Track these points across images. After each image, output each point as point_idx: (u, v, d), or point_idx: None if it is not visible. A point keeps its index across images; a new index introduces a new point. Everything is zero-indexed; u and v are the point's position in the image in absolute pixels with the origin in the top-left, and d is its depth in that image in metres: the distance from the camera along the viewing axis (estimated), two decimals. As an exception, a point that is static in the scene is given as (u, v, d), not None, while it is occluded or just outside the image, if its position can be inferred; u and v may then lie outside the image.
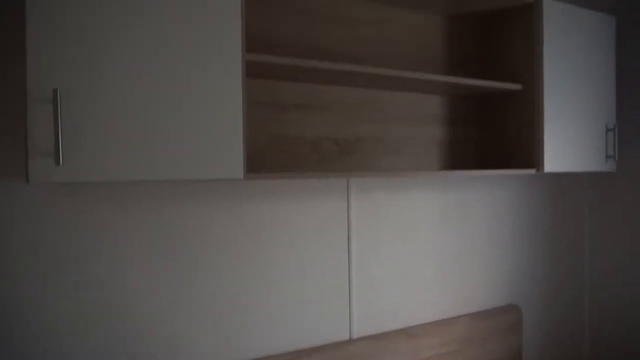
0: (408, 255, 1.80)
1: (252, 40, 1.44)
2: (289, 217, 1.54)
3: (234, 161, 1.14)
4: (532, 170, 1.70)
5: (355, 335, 1.66)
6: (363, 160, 1.66)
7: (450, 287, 1.91)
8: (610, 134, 1.88)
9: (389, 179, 1.74)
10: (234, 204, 1.45)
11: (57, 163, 0.96)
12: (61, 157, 0.96)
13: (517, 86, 1.71)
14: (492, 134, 1.89)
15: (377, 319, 1.72)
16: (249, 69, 1.29)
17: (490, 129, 1.90)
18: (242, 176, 1.15)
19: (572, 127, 1.77)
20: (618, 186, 2.22)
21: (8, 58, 1.16)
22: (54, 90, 0.95)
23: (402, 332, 1.74)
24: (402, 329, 1.75)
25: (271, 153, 1.48)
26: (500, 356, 1.98)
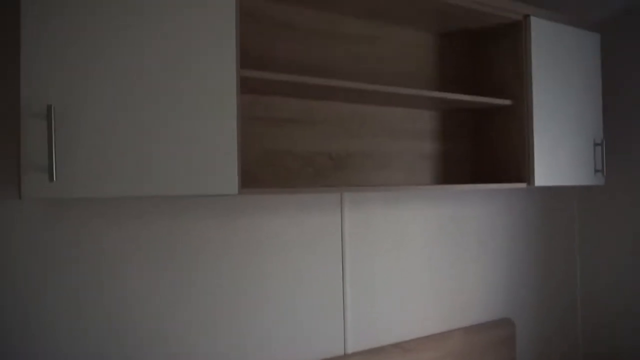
0: (402, 270, 1.80)
1: (246, 57, 1.46)
2: (282, 231, 1.54)
3: (229, 177, 1.14)
4: (522, 185, 1.72)
5: (349, 350, 1.65)
6: (356, 175, 1.67)
7: (444, 300, 1.91)
8: (598, 149, 1.91)
9: (382, 193, 1.75)
10: (228, 218, 1.44)
11: (51, 179, 0.95)
12: (55, 173, 0.95)
13: (506, 101, 1.74)
14: (483, 148, 1.92)
15: (371, 334, 1.71)
16: (243, 85, 1.30)
17: (481, 144, 1.93)
18: (236, 191, 1.15)
19: (561, 142, 1.80)
20: (607, 199, 2.25)
21: (1, 74, 1.16)
22: (48, 107, 0.95)
23: (397, 346, 1.73)
24: (396, 343, 1.75)
25: (265, 167, 1.49)
26: (495, 370, 1.98)
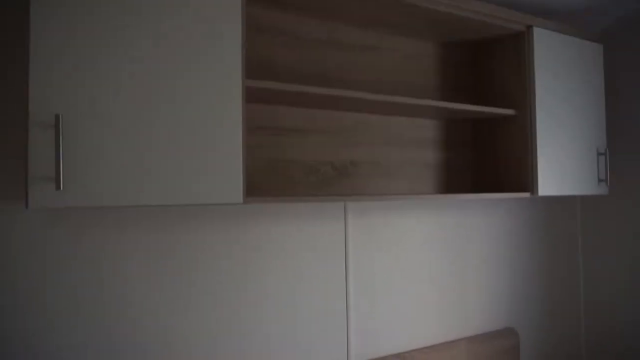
0: (405, 279, 1.79)
1: (250, 66, 1.47)
2: (286, 240, 1.54)
3: (234, 186, 1.15)
4: (526, 194, 1.72)
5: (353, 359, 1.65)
6: (360, 184, 1.68)
7: (447, 310, 1.90)
8: (601, 158, 1.91)
9: (385, 202, 1.75)
10: (232, 227, 1.45)
11: (58, 188, 0.96)
12: (62, 182, 0.96)
13: (510, 111, 1.75)
14: (487, 157, 1.92)
15: (375, 343, 1.70)
16: (248, 94, 1.31)
17: (485, 153, 1.93)
18: (241, 200, 1.16)
19: (565, 152, 1.80)
20: (611, 209, 2.24)
21: (9, 83, 1.17)
22: (56, 116, 0.96)
23: (400, 356, 1.72)
24: (399, 353, 1.74)
25: (269, 176, 1.49)
26: (498, 381, 1.96)
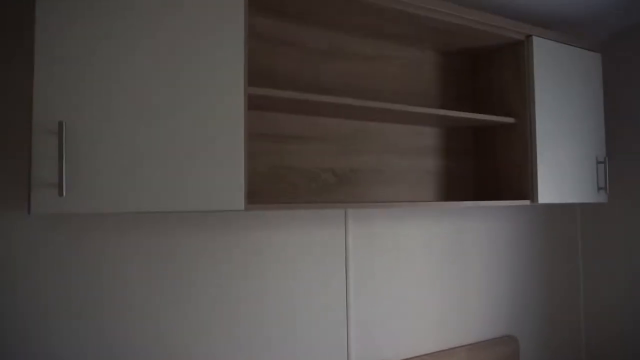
0: (405, 286, 1.79)
1: (252, 74, 1.48)
2: (287, 246, 1.54)
3: (235, 193, 1.15)
4: (526, 202, 1.73)
5: (352, 367, 1.65)
6: (360, 191, 1.68)
7: (447, 317, 1.90)
8: (600, 166, 1.92)
9: (385, 209, 1.76)
10: (233, 232, 1.45)
11: (60, 194, 0.96)
12: (64, 188, 0.97)
13: (510, 119, 1.76)
14: (487, 165, 1.93)
15: (375, 351, 1.70)
16: (250, 102, 1.32)
17: (484, 161, 1.94)
18: (242, 207, 1.16)
19: (564, 160, 1.81)
20: (610, 216, 2.25)
21: (13, 90, 1.19)
22: (60, 123, 0.97)
23: (399, 364, 1.72)
24: (399, 361, 1.74)
25: (270, 183, 1.50)
26: (499, 389, 1.96)
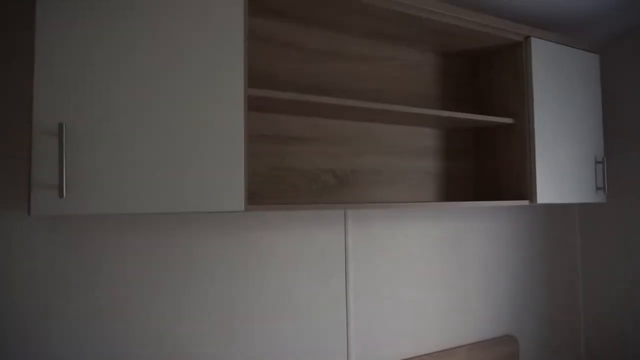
0: (405, 286, 1.80)
1: (252, 75, 1.49)
2: (286, 247, 1.54)
3: (235, 194, 1.16)
4: (525, 202, 1.73)
5: (352, 368, 1.65)
6: (360, 192, 1.69)
7: (446, 317, 1.90)
8: (599, 166, 1.93)
9: (385, 210, 1.76)
10: (233, 233, 1.45)
11: (61, 195, 0.96)
12: (64, 189, 0.97)
13: (508, 120, 1.76)
14: (485, 166, 1.93)
15: (375, 351, 1.70)
16: (250, 103, 1.32)
17: (484, 162, 1.94)
18: (242, 208, 1.16)
19: (563, 160, 1.81)
20: (609, 216, 2.26)
21: (13, 91, 1.19)
22: (60, 125, 0.97)
23: (399, 364, 1.72)
24: (399, 361, 1.74)
25: (270, 184, 1.50)
26: (498, 389, 1.96)
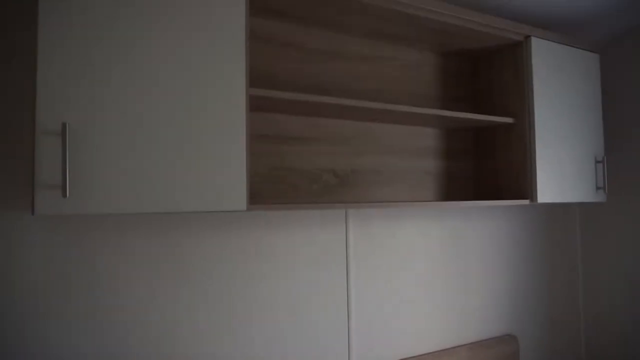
0: (406, 285, 1.80)
1: (253, 75, 1.49)
2: (287, 247, 1.55)
3: (237, 193, 1.16)
4: (525, 201, 1.73)
5: (353, 367, 1.65)
6: (361, 192, 1.69)
7: (447, 317, 1.91)
8: (599, 166, 1.93)
9: (386, 209, 1.77)
10: (234, 232, 1.46)
11: (64, 195, 0.97)
12: (67, 189, 0.97)
13: (509, 120, 1.77)
14: (486, 165, 1.94)
15: (376, 350, 1.71)
16: (251, 103, 1.33)
17: (484, 161, 1.95)
18: (245, 208, 1.17)
19: (563, 160, 1.82)
20: (609, 215, 2.26)
21: (12, 90, 1.19)
22: (63, 124, 0.98)
23: (400, 363, 1.73)
24: (401, 359, 1.75)
25: (271, 184, 1.51)
26: (499, 388, 1.96)
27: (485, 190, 1.94)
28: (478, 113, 1.97)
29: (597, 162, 1.93)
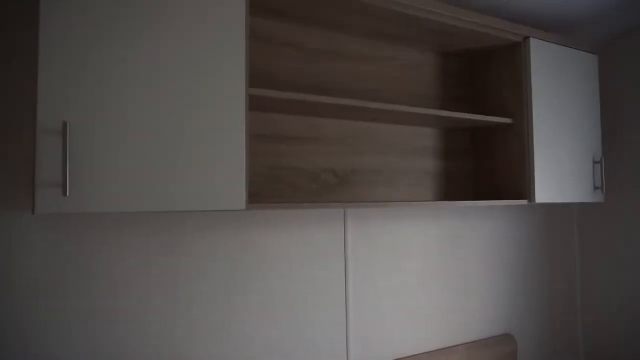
0: (404, 285, 1.81)
1: (252, 75, 1.49)
2: (286, 246, 1.55)
3: (237, 193, 1.17)
4: (524, 201, 1.74)
5: (352, 366, 1.66)
6: (360, 191, 1.70)
7: (445, 316, 1.91)
8: (597, 166, 1.94)
9: (385, 209, 1.77)
10: (232, 232, 1.46)
11: (64, 194, 0.97)
12: (68, 188, 0.98)
13: (507, 120, 1.78)
14: (485, 166, 1.94)
15: (374, 349, 1.71)
16: (251, 103, 1.33)
17: (483, 161, 1.96)
18: (244, 207, 1.17)
19: (561, 160, 1.83)
20: (607, 216, 2.27)
21: (12, 90, 1.19)
22: (64, 123, 0.98)
23: (398, 363, 1.73)
24: (399, 359, 1.75)
25: (270, 184, 1.51)
26: (497, 387, 1.97)
27: (483, 190, 1.95)
28: (477, 113, 1.97)
29: (595, 162, 1.94)
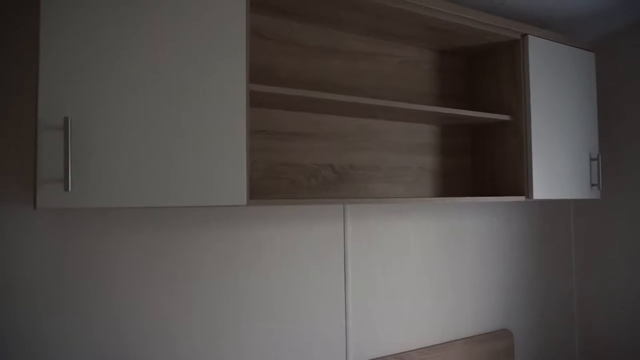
0: (402, 281, 1.82)
1: (253, 71, 1.50)
2: (286, 242, 1.56)
3: (238, 188, 1.17)
4: (521, 198, 1.76)
5: (351, 360, 1.67)
6: (359, 187, 1.71)
7: (443, 311, 1.93)
8: (594, 163, 1.96)
9: (384, 205, 1.78)
10: (233, 228, 1.47)
11: (66, 189, 0.98)
12: (70, 183, 0.98)
13: (505, 117, 1.79)
14: (483, 162, 1.96)
15: (373, 344, 1.73)
16: (251, 99, 1.34)
17: (480, 158, 1.97)
18: (245, 202, 1.18)
19: (558, 157, 1.84)
20: (603, 212, 2.29)
21: (12, 87, 1.20)
22: (65, 119, 0.98)
23: (398, 357, 1.75)
24: (398, 353, 1.77)
25: (270, 179, 1.52)
26: (494, 382, 1.99)
27: (481, 186, 1.96)
28: (475, 110, 1.99)
29: (592, 159, 1.95)
